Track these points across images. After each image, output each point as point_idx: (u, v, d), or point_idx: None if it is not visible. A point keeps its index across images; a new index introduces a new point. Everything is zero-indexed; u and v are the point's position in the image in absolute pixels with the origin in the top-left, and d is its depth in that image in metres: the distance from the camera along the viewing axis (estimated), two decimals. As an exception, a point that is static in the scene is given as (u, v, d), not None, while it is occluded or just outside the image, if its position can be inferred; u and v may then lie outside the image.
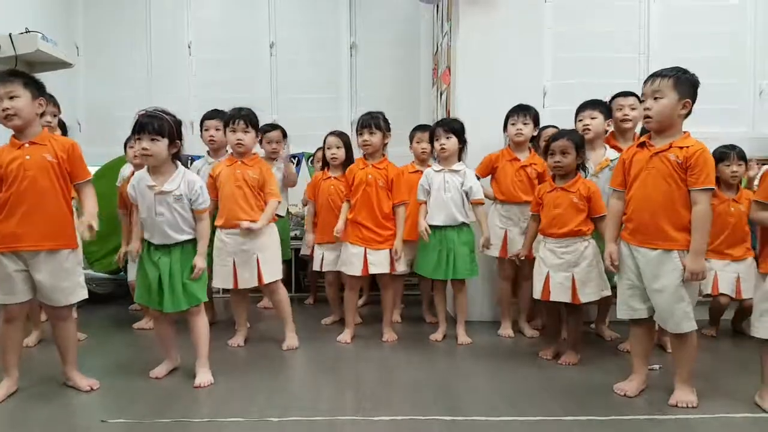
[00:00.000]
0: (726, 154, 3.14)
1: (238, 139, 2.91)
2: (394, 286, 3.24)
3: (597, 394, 2.34)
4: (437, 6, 4.30)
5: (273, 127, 3.65)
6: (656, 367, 2.58)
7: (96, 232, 2.22)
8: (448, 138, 3.05)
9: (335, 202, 3.28)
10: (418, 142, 3.41)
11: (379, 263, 3.04)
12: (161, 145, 2.32)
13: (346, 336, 3.11)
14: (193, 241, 2.44)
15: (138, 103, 4.44)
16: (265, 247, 2.91)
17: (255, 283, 2.93)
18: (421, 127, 3.48)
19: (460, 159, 3.13)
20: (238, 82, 4.62)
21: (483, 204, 3.09)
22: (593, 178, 2.86)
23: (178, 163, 2.43)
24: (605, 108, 3.03)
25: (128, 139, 3.33)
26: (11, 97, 2.17)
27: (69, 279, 2.27)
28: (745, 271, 3.14)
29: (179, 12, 4.67)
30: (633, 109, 3.04)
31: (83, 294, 2.34)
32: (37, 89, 2.26)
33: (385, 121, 3.11)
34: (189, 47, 4.69)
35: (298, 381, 2.53)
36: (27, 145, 2.22)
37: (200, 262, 2.41)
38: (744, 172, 3.18)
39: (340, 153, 3.36)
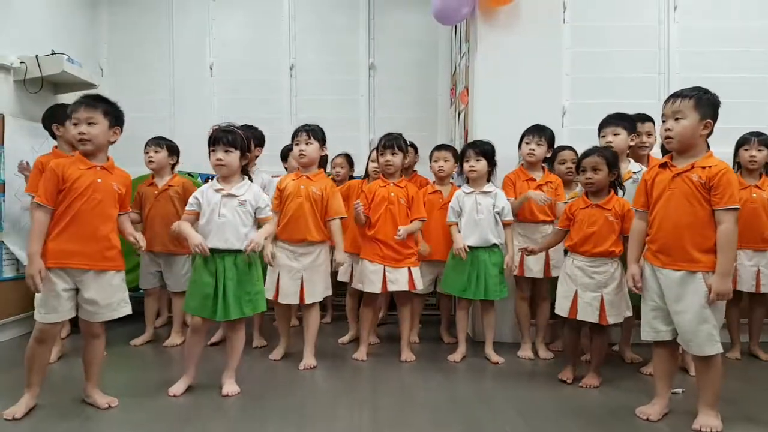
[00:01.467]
0: (747, 139, 3.13)
1: (301, 150, 2.97)
2: (412, 304, 3.22)
3: (618, 417, 2.29)
4: (455, 27, 4.34)
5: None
6: (679, 390, 2.53)
7: None
8: (478, 160, 3.10)
9: None
10: (435, 161, 3.42)
11: (399, 281, 3.04)
12: (234, 156, 2.52)
13: (361, 353, 3.10)
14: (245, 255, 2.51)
15: (161, 124, 4.51)
16: (313, 268, 2.95)
17: (296, 301, 2.95)
18: (439, 147, 3.49)
19: (489, 181, 3.15)
20: (258, 103, 4.69)
21: (512, 224, 3.10)
22: None
23: (245, 177, 2.61)
24: (629, 123, 3.00)
25: (146, 145, 3.44)
26: (89, 123, 2.26)
27: (116, 295, 2.33)
28: (765, 264, 3.09)
29: (202, 34, 4.77)
30: (649, 135, 3.11)
31: (127, 309, 2.39)
32: (116, 118, 2.35)
33: (405, 142, 3.17)
34: (211, 69, 4.78)
35: (315, 400, 2.52)
36: (98, 168, 2.30)
37: (258, 237, 2.50)
38: (765, 158, 3.13)
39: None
